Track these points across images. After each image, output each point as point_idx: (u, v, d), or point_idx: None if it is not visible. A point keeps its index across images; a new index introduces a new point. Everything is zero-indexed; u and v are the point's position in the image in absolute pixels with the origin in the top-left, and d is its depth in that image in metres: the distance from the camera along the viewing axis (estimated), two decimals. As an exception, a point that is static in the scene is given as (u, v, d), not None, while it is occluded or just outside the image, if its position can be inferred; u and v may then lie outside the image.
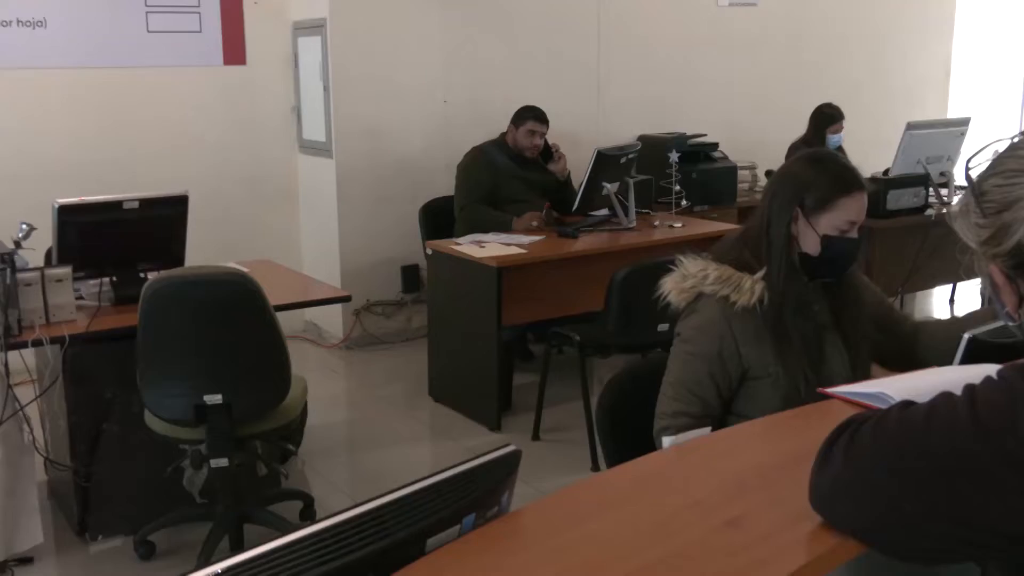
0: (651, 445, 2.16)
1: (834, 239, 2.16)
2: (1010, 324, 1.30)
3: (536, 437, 4.44)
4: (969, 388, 1.14)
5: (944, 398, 1.15)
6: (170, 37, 5.44)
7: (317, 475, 4.12)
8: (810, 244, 2.18)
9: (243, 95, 5.74)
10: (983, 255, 1.24)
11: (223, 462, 3.16)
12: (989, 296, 1.30)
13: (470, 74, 5.96)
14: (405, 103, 5.80)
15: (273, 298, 3.16)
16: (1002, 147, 1.24)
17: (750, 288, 2.14)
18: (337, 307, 5.57)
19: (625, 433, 2.26)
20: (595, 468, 4.01)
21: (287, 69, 5.89)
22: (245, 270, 3.26)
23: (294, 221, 6.07)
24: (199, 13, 5.50)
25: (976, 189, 1.22)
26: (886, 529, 1.16)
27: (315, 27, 5.63)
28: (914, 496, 1.12)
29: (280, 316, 3.19)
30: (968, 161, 1.25)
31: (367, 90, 5.67)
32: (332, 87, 5.58)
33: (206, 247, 4.81)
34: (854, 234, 2.19)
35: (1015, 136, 1.24)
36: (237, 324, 3.08)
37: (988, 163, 1.23)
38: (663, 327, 2.94)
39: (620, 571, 1.17)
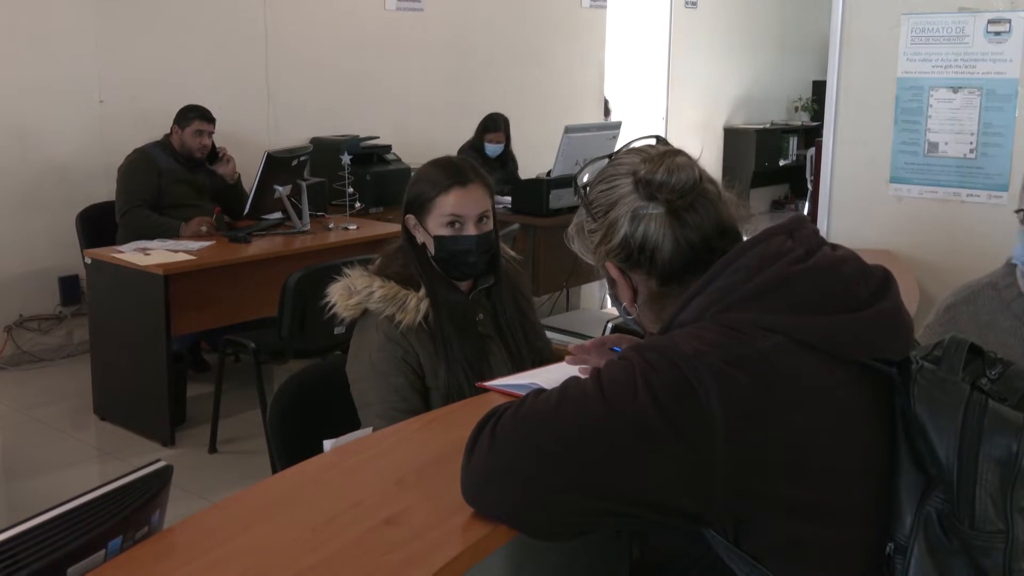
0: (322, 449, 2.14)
1: (445, 238, 2.15)
2: (627, 318, 1.44)
3: (213, 449, 4.28)
4: (595, 370, 1.24)
5: (573, 381, 1.25)
6: None
7: (-36, 510, 3.75)
8: (430, 247, 2.18)
9: None
10: (599, 257, 1.38)
11: None
12: (610, 294, 1.44)
13: (129, 72, 5.63)
14: (55, 102, 5.37)
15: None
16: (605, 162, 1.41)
17: (415, 307, 2.12)
18: (-16, 324, 5.10)
19: (299, 438, 2.24)
20: (275, 476, 3.93)
21: (-88, 63, 5.30)
22: None
23: (-73, 232, 5.47)
24: None
25: (585, 199, 1.38)
26: (529, 510, 1.23)
27: (-55, 17, 5.11)
28: (552, 474, 1.19)
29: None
30: (576, 177, 1.40)
31: (9, 87, 5.20)
32: (-32, 83, 5.09)
33: None
34: (470, 230, 2.16)
35: (614, 153, 1.40)
36: None
37: (594, 176, 1.39)
38: (339, 330, 2.90)
39: (277, 580, 1.16)
